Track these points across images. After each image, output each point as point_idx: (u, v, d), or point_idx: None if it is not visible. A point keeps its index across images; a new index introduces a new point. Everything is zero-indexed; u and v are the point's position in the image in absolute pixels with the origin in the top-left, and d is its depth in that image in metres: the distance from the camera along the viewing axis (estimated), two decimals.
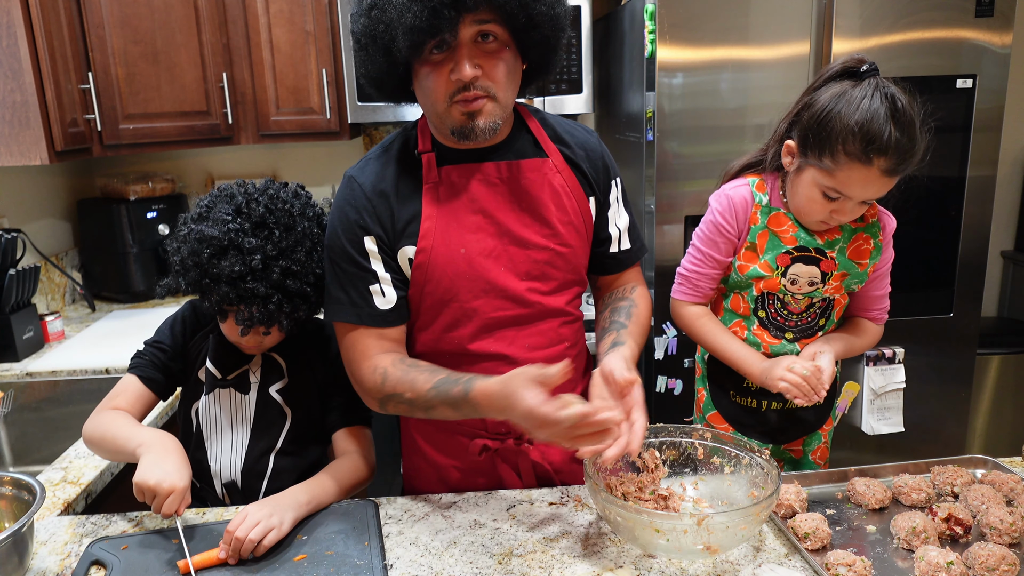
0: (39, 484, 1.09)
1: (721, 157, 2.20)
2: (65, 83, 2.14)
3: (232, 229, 1.20)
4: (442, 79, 1.12)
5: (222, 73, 2.48)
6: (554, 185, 1.25)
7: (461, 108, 1.13)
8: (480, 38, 1.10)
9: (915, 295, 2.36)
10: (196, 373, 1.35)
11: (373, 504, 1.25)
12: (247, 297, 1.20)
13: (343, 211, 1.22)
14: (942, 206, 2.31)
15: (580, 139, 1.31)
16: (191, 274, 1.23)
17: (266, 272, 1.20)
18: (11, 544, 1.01)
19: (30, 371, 2.02)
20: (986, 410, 2.86)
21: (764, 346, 1.42)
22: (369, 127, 2.99)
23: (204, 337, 1.36)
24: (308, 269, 1.25)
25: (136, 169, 2.92)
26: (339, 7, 2.45)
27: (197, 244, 1.21)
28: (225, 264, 1.19)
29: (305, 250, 1.25)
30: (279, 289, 1.22)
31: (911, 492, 1.22)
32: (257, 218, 1.22)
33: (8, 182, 2.39)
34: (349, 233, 1.21)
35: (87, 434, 1.26)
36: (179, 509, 1.11)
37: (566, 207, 1.26)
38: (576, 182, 1.28)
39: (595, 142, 1.33)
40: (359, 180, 1.23)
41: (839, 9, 2.13)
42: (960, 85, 2.22)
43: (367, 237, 1.20)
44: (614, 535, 1.15)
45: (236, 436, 1.33)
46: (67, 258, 2.68)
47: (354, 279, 1.22)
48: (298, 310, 1.26)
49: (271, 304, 1.21)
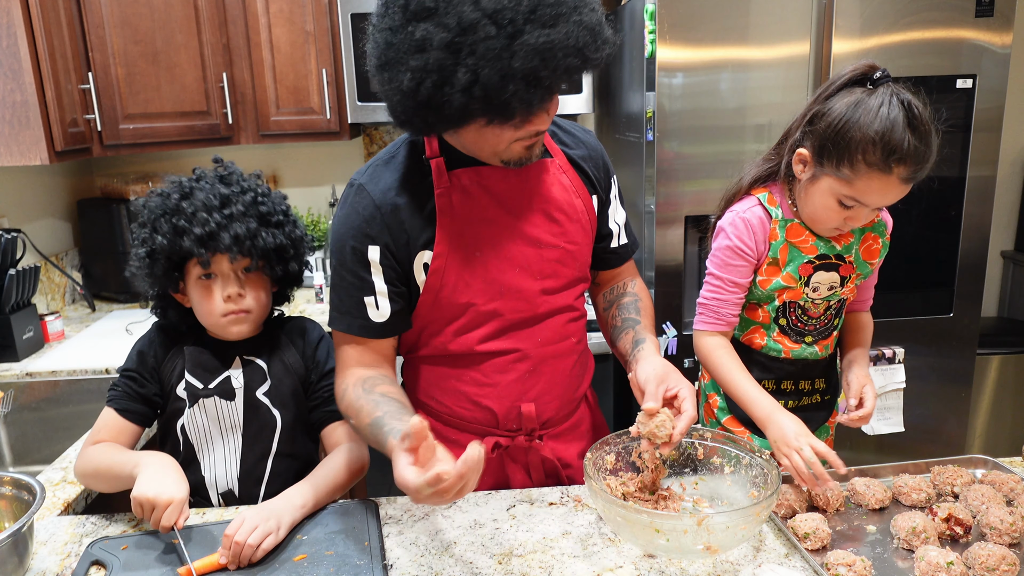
0: (39, 484, 1.09)
1: (721, 157, 2.21)
2: (65, 83, 2.14)
3: (191, 180, 1.26)
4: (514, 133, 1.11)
5: (222, 73, 2.48)
6: (562, 184, 1.27)
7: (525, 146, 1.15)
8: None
9: (915, 295, 2.36)
10: (174, 390, 1.31)
11: (373, 504, 1.25)
12: (227, 224, 1.20)
13: (349, 219, 1.21)
14: (942, 206, 2.31)
15: (581, 139, 1.33)
16: (163, 225, 1.22)
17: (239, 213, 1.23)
18: (11, 544, 1.01)
19: (30, 371, 2.02)
20: (986, 410, 2.86)
21: (785, 351, 1.42)
22: (369, 127, 2.99)
23: (178, 353, 1.32)
24: (281, 224, 1.28)
25: (136, 169, 2.92)
26: (339, 7, 2.45)
27: (160, 199, 1.24)
28: (199, 196, 1.21)
29: (272, 211, 1.28)
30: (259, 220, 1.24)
31: (911, 492, 1.22)
32: (212, 179, 1.27)
33: (8, 182, 2.39)
34: (354, 242, 1.20)
35: (80, 472, 1.26)
36: (178, 522, 1.11)
37: (574, 205, 1.27)
38: (580, 181, 1.29)
39: (595, 141, 1.35)
40: (368, 188, 1.21)
41: (839, 9, 2.13)
42: (960, 85, 2.22)
43: (372, 247, 1.20)
44: (614, 535, 1.15)
45: (228, 444, 1.32)
46: (67, 258, 2.68)
47: (351, 289, 1.22)
48: (282, 252, 1.28)
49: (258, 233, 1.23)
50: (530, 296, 1.25)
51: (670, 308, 2.29)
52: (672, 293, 2.29)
